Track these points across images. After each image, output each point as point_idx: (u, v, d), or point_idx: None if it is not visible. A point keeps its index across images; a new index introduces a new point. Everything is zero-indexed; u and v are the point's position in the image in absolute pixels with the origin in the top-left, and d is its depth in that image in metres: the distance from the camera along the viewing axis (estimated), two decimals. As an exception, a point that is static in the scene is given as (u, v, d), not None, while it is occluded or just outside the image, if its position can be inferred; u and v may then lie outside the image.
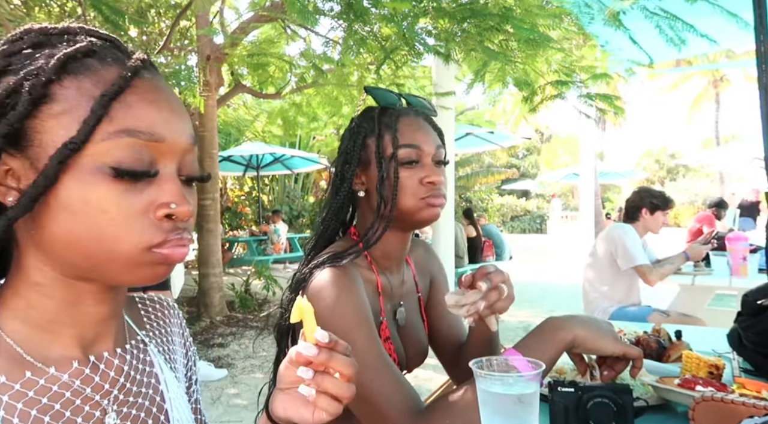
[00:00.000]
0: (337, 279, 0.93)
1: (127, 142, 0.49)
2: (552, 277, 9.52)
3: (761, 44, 1.61)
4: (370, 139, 1.04)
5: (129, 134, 0.49)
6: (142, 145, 0.49)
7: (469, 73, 3.85)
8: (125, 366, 0.59)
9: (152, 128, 0.50)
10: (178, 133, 0.53)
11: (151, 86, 0.52)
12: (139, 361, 0.61)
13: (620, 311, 3.21)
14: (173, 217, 0.51)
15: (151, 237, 0.50)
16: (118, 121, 0.49)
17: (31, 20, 5.44)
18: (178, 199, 0.51)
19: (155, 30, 6.51)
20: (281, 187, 13.15)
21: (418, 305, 1.18)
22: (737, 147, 10.14)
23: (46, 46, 0.51)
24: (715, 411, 0.90)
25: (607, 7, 2.61)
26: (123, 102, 0.49)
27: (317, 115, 6.35)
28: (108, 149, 0.48)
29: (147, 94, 0.51)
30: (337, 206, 1.06)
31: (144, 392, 0.60)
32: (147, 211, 0.50)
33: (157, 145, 0.50)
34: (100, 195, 0.48)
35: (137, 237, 0.50)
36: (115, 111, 0.49)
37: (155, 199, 0.51)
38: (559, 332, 0.87)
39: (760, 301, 1.36)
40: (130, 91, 0.50)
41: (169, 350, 0.68)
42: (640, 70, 3.56)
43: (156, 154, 0.51)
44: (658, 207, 3.26)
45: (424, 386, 3.66)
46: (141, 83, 0.51)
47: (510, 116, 21.34)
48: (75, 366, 0.54)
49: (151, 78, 0.53)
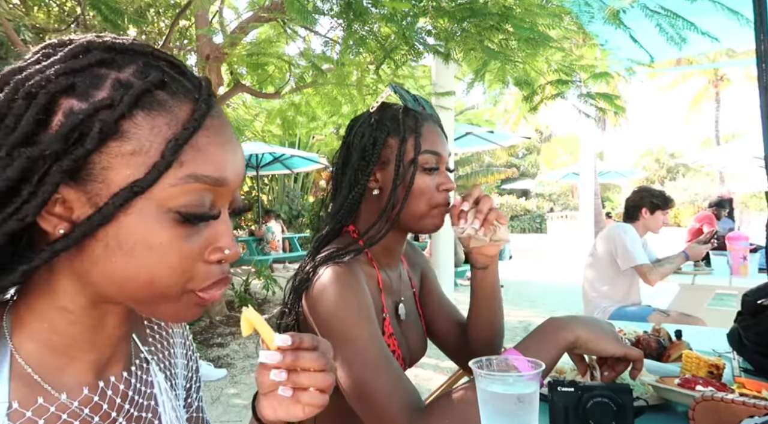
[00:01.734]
0: (340, 277, 0.93)
1: (194, 187, 0.47)
2: (552, 276, 9.52)
3: (761, 43, 1.61)
4: (393, 139, 1.03)
5: (197, 179, 0.47)
6: (208, 190, 0.48)
7: (469, 73, 3.84)
8: (129, 391, 0.58)
9: (220, 173, 0.48)
10: (239, 174, 0.51)
11: (219, 125, 0.50)
12: (142, 382, 0.61)
13: (620, 310, 3.21)
14: (223, 261, 0.50)
15: (201, 282, 0.49)
16: (187, 165, 0.46)
17: (30, 20, 5.43)
18: (230, 244, 0.50)
19: (154, 29, 6.51)
20: (281, 187, 13.16)
21: (413, 300, 1.20)
22: (737, 146, 10.13)
23: (113, 67, 0.47)
24: (715, 411, 0.90)
25: (607, 5, 2.61)
26: (194, 145, 0.47)
27: (317, 115, 6.34)
28: (174, 194, 0.46)
29: (216, 135, 0.49)
30: (351, 202, 1.04)
31: (144, 417, 0.59)
32: (202, 253, 0.49)
33: (221, 189, 0.49)
34: (163, 240, 0.46)
35: (188, 282, 0.48)
36: (185, 154, 0.46)
37: (211, 243, 0.49)
38: (560, 332, 0.87)
39: (761, 300, 1.36)
40: (201, 134, 0.48)
41: (170, 365, 0.67)
42: (640, 69, 3.56)
43: (217, 197, 0.49)
44: (658, 206, 3.26)
45: (424, 385, 3.65)
46: (210, 123, 0.49)
47: (510, 116, 21.34)
48: (85, 393, 0.53)
49: (218, 116, 0.50)
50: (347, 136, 1.08)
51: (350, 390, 0.87)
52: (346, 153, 1.07)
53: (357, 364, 0.86)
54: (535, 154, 35.55)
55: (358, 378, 0.86)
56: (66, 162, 0.43)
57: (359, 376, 0.86)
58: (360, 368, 0.86)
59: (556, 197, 30.01)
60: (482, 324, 1.14)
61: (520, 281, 8.85)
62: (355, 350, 0.87)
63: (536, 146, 35.75)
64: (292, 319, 0.99)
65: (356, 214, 1.08)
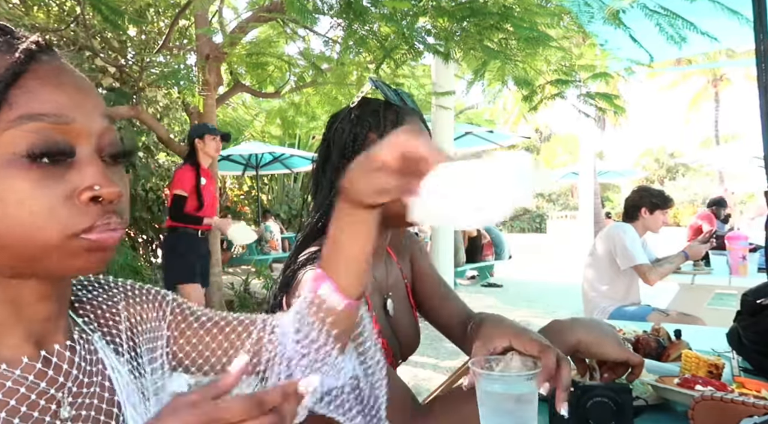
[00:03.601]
0: None
1: (34, 126, 0.47)
2: (551, 276, 9.52)
3: (761, 43, 1.61)
4: (373, 134, 1.01)
5: (33, 119, 0.47)
6: (51, 129, 0.47)
7: (469, 71, 3.84)
8: (76, 358, 0.58)
9: (58, 110, 0.48)
10: (88, 113, 0.51)
11: (53, 69, 0.50)
12: (87, 351, 0.60)
13: (620, 310, 3.21)
14: (100, 199, 0.49)
15: (76, 223, 0.48)
16: (18, 107, 0.46)
17: (30, 20, 5.43)
18: (101, 181, 0.49)
19: (154, 29, 6.51)
20: (280, 187, 13.15)
21: (405, 293, 1.18)
22: (737, 146, 10.14)
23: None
24: (715, 410, 0.90)
25: (606, 5, 2.61)
26: (23, 87, 0.47)
27: (316, 115, 6.33)
28: (14, 138, 0.46)
29: (49, 77, 0.49)
30: (333, 199, 1.02)
31: (95, 382, 0.59)
32: (70, 197, 0.48)
33: (67, 127, 0.49)
34: (14, 187, 0.46)
35: (62, 225, 0.48)
36: (15, 97, 0.46)
37: (77, 184, 0.49)
38: (563, 335, 0.87)
39: (760, 300, 1.36)
40: (28, 77, 0.48)
41: (116, 335, 0.65)
42: (640, 69, 3.56)
43: (69, 138, 0.49)
44: (657, 206, 3.26)
45: (423, 385, 3.65)
46: (40, 67, 0.49)
47: (510, 115, 21.34)
48: (25, 361, 0.53)
49: (50, 60, 0.51)
50: (327, 132, 1.06)
51: None
52: (326, 149, 1.05)
53: None
54: (535, 154, 35.55)
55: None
56: None
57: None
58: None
59: (556, 197, 30.01)
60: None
61: (519, 281, 8.85)
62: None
63: (536, 146, 35.76)
64: None
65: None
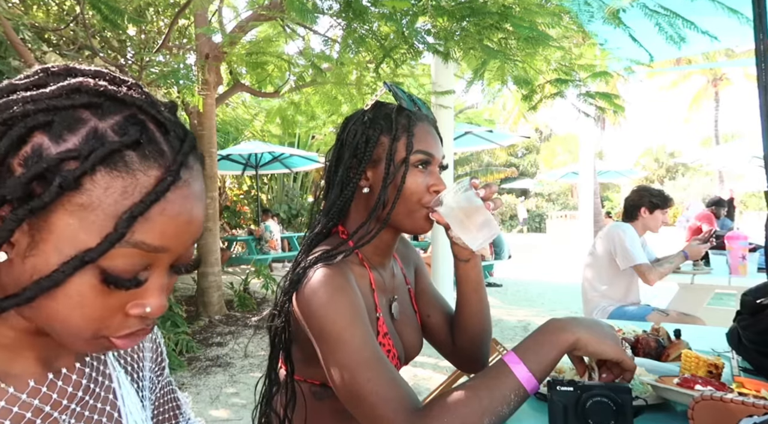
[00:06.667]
0: (331, 279, 0.92)
1: (129, 252, 0.45)
2: (551, 276, 9.52)
3: (760, 43, 1.61)
4: (385, 137, 1.02)
5: (134, 246, 0.45)
6: (142, 255, 0.46)
7: (469, 71, 3.84)
8: (83, 380, 0.58)
9: (162, 242, 0.47)
10: (185, 242, 0.49)
11: (180, 197, 0.47)
12: (98, 373, 0.61)
13: (619, 310, 3.21)
14: (144, 317, 0.50)
15: (114, 331, 0.49)
16: (130, 235, 0.45)
17: (29, 19, 5.41)
18: (156, 304, 0.49)
19: (154, 29, 6.50)
20: (280, 186, 13.16)
21: (409, 297, 1.20)
22: (737, 146, 10.14)
23: (96, 113, 0.46)
24: (714, 410, 0.90)
25: (606, 5, 2.61)
26: (145, 216, 0.45)
27: (316, 114, 6.33)
28: (108, 255, 0.45)
29: (173, 207, 0.47)
30: (343, 200, 1.04)
31: (101, 408, 0.59)
32: (122, 307, 0.48)
33: (157, 256, 0.48)
34: (81, 291, 0.46)
35: (102, 330, 0.49)
36: (136, 225, 0.45)
37: (134, 299, 0.49)
38: (561, 333, 0.86)
39: (760, 300, 1.36)
40: (156, 205, 0.46)
41: (132, 360, 0.67)
42: (639, 68, 3.56)
43: (154, 261, 0.48)
44: (657, 206, 3.26)
45: (423, 385, 3.66)
46: (172, 195, 0.46)
47: (510, 115, 21.34)
48: (32, 385, 0.53)
49: (184, 184, 0.48)
50: (341, 134, 1.08)
51: (345, 392, 0.86)
52: (339, 151, 1.07)
53: (351, 366, 0.86)
54: (535, 154, 35.52)
55: (353, 380, 0.85)
56: (21, 212, 0.43)
57: (353, 378, 0.85)
58: (354, 370, 0.86)
59: (556, 197, 30.02)
60: (468, 318, 1.13)
61: (519, 281, 8.86)
62: (349, 351, 0.87)
63: (535, 146, 35.73)
64: (282, 321, 0.99)
65: (347, 212, 1.07)
